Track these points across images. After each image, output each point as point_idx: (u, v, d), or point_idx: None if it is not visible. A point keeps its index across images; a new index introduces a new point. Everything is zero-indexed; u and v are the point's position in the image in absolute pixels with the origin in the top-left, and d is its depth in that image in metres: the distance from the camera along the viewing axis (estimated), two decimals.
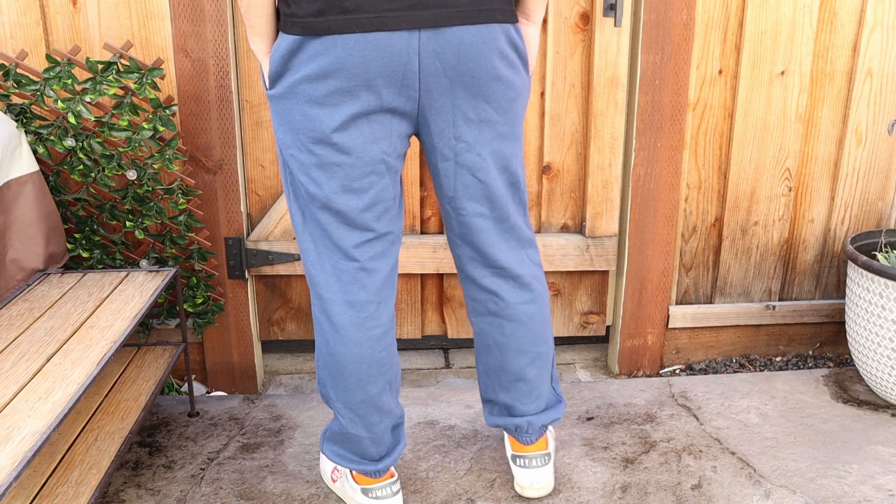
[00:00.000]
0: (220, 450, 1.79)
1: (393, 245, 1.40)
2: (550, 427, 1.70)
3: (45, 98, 1.79)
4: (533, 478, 1.57)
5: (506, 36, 1.26)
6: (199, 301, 2.00)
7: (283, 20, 1.24)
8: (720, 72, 2.02)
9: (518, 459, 1.58)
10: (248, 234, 2.07)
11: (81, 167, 1.83)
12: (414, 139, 2.00)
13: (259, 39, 1.30)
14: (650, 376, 2.22)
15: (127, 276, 1.76)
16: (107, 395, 1.69)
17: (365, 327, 1.38)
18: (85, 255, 1.92)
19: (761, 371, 2.22)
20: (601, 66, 1.98)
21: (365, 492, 1.52)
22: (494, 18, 1.24)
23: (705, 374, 2.22)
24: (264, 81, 1.33)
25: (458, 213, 1.40)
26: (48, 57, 1.76)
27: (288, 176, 1.37)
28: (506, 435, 1.66)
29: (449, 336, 2.27)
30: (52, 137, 1.79)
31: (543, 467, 1.58)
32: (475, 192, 1.37)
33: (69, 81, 1.76)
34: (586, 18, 1.99)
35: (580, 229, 2.17)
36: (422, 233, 2.14)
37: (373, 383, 1.42)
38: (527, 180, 2.10)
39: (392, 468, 1.55)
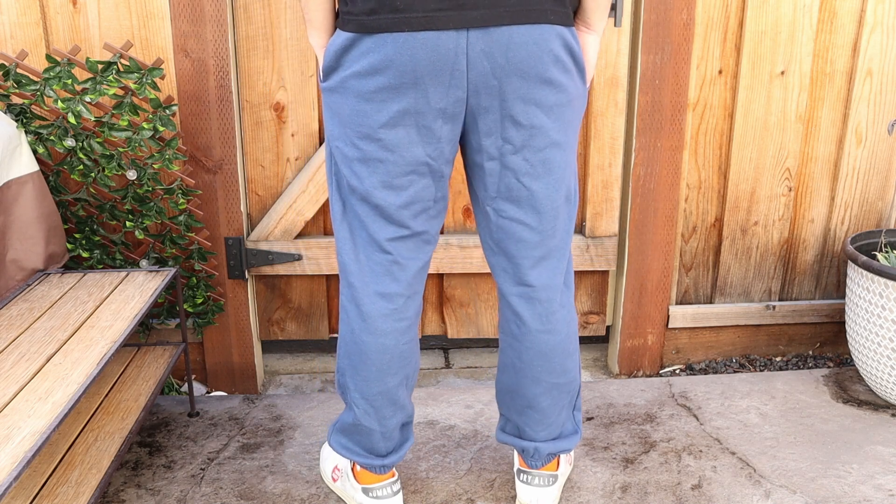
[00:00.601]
0: (220, 450, 1.79)
1: (427, 244, 1.41)
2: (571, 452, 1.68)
3: (45, 98, 1.79)
4: (534, 496, 1.55)
5: (559, 38, 1.23)
6: (199, 301, 2.00)
7: (340, 17, 1.27)
8: (720, 72, 2.02)
9: (522, 475, 1.56)
10: (248, 234, 2.07)
11: (81, 167, 1.83)
12: None
13: (316, 33, 1.34)
14: (650, 376, 2.22)
15: (127, 276, 1.76)
16: (107, 395, 1.69)
17: (393, 318, 1.40)
18: (85, 255, 1.92)
19: (761, 371, 2.22)
20: (601, 66, 1.98)
21: (366, 491, 1.52)
22: (546, 19, 1.21)
23: (705, 374, 2.22)
24: (320, 75, 1.35)
25: (497, 215, 1.37)
26: (48, 57, 1.76)
27: (332, 166, 1.39)
28: None
29: (449, 336, 2.27)
30: (52, 137, 1.79)
31: (546, 487, 1.54)
32: (519, 197, 1.33)
33: (69, 81, 1.76)
34: None
35: (580, 229, 2.17)
36: None
37: (393, 375, 1.43)
38: None
39: (393, 468, 1.55)
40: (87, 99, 1.76)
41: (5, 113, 1.75)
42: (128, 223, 1.90)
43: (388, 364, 1.42)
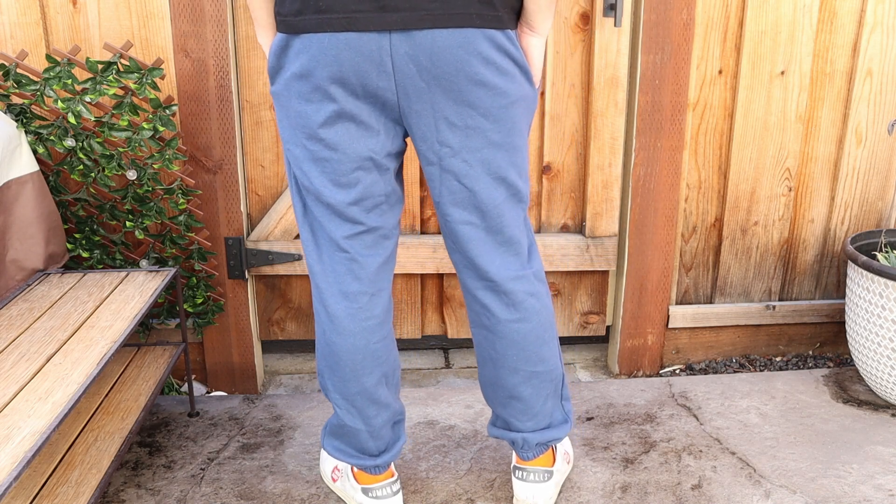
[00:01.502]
0: (220, 450, 1.79)
1: (385, 239, 1.41)
2: (567, 446, 1.67)
3: (45, 98, 1.79)
4: (529, 492, 1.54)
5: (489, 41, 1.23)
6: (199, 301, 2.00)
7: (275, 18, 1.28)
8: (720, 72, 2.02)
9: (518, 472, 1.56)
10: (248, 234, 2.07)
11: (81, 167, 1.83)
12: None
13: (262, 32, 1.35)
14: (650, 376, 2.22)
15: (127, 276, 1.76)
16: (107, 395, 1.69)
17: (358, 318, 1.40)
18: (85, 255, 1.92)
19: (761, 371, 2.22)
20: (601, 66, 1.98)
21: (365, 491, 1.52)
22: (471, 23, 1.21)
23: (705, 374, 2.22)
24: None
25: (444, 220, 1.39)
26: (48, 57, 1.76)
27: (289, 168, 1.40)
28: None
29: (449, 336, 2.27)
30: (52, 137, 1.79)
31: (541, 483, 1.54)
32: (461, 199, 1.34)
33: (69, 81, 1.76)
34: (586, 18, 1.99)
35: (580, 229, 2.17)
36: (422, 233, 2.14)
37: (367, 375, 1.44)
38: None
39: (392, 467, 1.55)
40: (87, 99, 1.76)
41: (5, 113, 1.75)
42: (128, 223, 1.90)
43: (360, 364, 1.42)
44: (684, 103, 1.99)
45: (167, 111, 1.82)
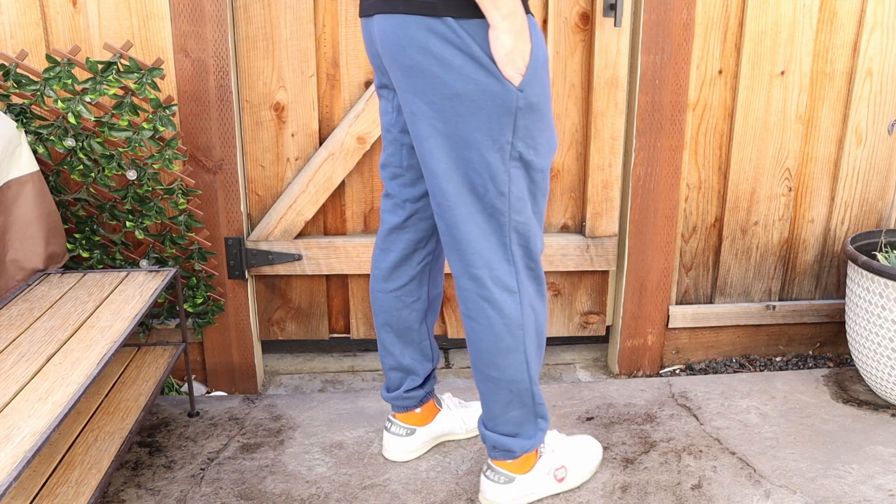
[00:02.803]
0: (220, 450, 1.79)
1: (399, 208, 1.54)
2: (569, 463, 1.61)
3: (45, 98, 1.79)
4: (484, 486, 1.55)
5: (427, 29, 1.22)
6: (199, 301, 2.00)
7: None
8: (720, 72, 2.02)
9: (484, 465, 1.59)
10: (248, 234, 2.07)
11: (81, 167, 1.83)
12: None
13: None
14: (650, 376, 2.22)
15: (127, 276, 1.76)
16: (107, 395, 1.69)
17: (373, 263, 1.62)
18: (85, 255, 1.92)
19: (761, 371, 2.22)
20: (601, 66, 1.98)
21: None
22: (410, 10, 1.21)
23: (705, 374, 2.22)
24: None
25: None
26: (48, 57, 1.76)
27: None
28: None
29: (449, 336, 2.27)
30: (52, 137, 1.79)
31: (495, 483, 1.52)
32: (428, 184, 1.37)
33: (69, 81, 1.76)
34: (586, 18, 1.99)
35: (580, 229, 2.17)
36: None
37: (375, 316, 1.64)
38: None
39: (402, 418, 1.73)
40: (87, 99, 1.76)
41: (5, 113, 1.75)
42: (128, 223, 1.90)
43: (372, 304, 1.65)
44: (684, 103, 1.99)
45: (167, 111, 1.82)
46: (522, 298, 1.40)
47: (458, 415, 1.79)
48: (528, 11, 1.29)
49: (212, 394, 2.12)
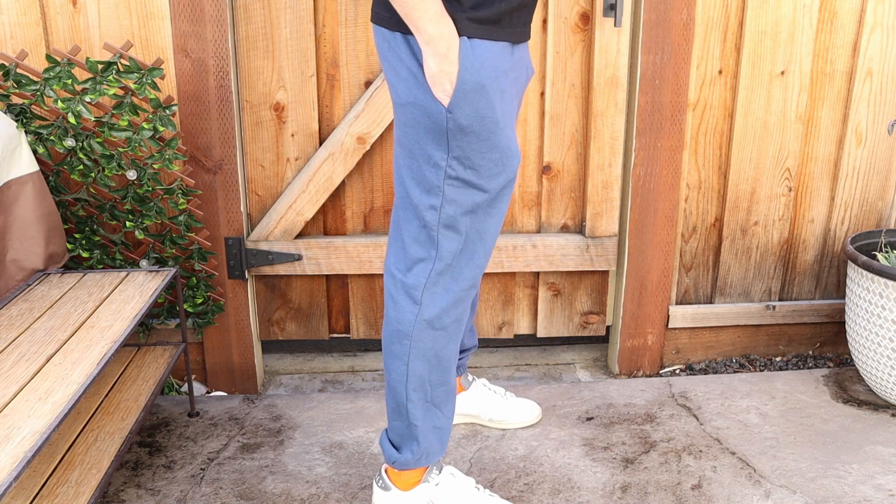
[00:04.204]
0: (220, 450, 1.79)
1: None
2: (422, 487, 1.52)
3: (45, 98, 1.79)
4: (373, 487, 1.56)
5: (383, 39, 1.30)
6: (199, 301, 2.00)
7: None
8: (720, 72, 2.02)
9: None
10: (248, 234, 2.07)
11: (81, 167, 1.83)
12: None
13: None
14: (650, 376, 2.22)
15: (127, 276, 1.76)
16: (107, 395, 1.69)
17: None
18: (85, 255, 1.92)
19: (761, 371, 2.22)
20: (601, 66, 1.98)
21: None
22: (378, 21, 1.30)
23: (705, 374, 2.22)
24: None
25: None
26: (48, 57, 1.76)
27: None
28: None
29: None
30: (52, 137, 1.79)
31: (376, 486, 1.54)
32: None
33: (69, 81, 1.76)
34: (586, 18, 1.99)
35: (580, 229, 2.17)
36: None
37: None
38: (527, 180, 2.11)
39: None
40: (87, 99, 1.76)
41: (5, 113, 1.75)
42: (128, 223, 1.90)
43: None
44: (684, 103, 1.99)
45: (167, 111, 1.82)
46: (421, 312, 1.39)
47: (482, 400, 1.85)
48: (471, 35, 1.23)
49: (212, 394, 2.12)
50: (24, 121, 1.78)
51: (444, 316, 1.40)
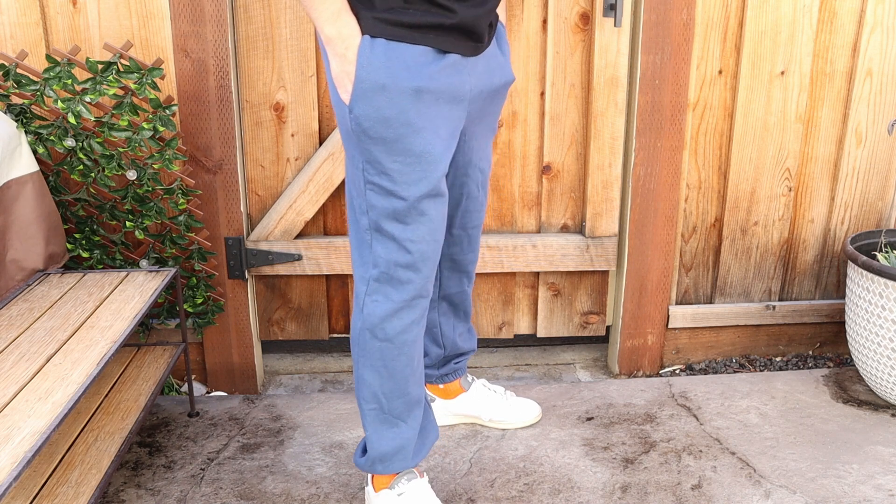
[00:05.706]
0: (220, 450, 1.79)
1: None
2: (387, 493, 1.50)
3: (45, 98, 1.79)
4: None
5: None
6: (199, 301, 2.00)
7: None
8: (720, 72, 2.02)
9: None
10: (248, 235, 2.07)
11: (81, 167, 1.83)
12: None
13: None
14: (650, 376, 2.22)
15: (127, 276, 1.76)
16: (107, 395, 1.69)
17: None
18: (85, 255, 1.92)
19: (761, 371, 2.22)
20: (601, 66, 1.98)
21: None
22: None
23: (705, 374, 2.22)
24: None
25: None
26: (48, 57, 1.76)
27: None
28: None
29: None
30: (52, 137, 1.79)
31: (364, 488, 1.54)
32: None
33: (69, 81, 1.76)
34: (586, 18, 1.99)
35: (580, 229, 2.17)
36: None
37: None
38: (527, 180, 2.11)
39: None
40: (87, 99, 1.76)
41: (5, 113, 1.75)
42: (128, 223, 1.90)
43: None
44: (684, 103, 1.99)
45: (167, 111, 1.82)
46: (364, 320, 1.37)
47: (482, 401, 1.85)
48: (375, 35, 1.20)
49: (212, 394, 2.12)
50: (24, 121, 1.78)
51: (387, 326, 1.35)
